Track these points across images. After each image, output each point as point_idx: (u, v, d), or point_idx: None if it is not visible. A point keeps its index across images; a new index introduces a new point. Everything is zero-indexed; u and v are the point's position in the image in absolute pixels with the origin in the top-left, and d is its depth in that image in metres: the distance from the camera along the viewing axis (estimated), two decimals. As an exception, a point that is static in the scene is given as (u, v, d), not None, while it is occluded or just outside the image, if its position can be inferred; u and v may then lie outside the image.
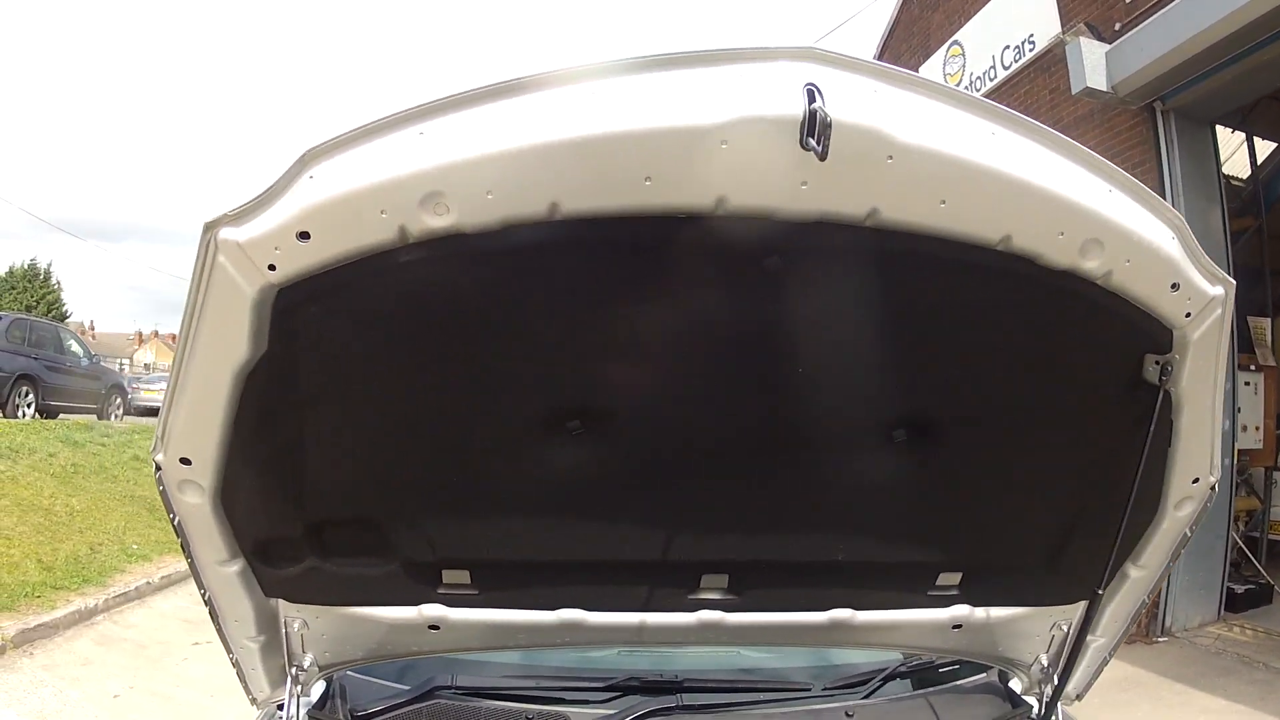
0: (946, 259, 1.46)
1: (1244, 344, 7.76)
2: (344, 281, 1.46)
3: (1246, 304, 7.76)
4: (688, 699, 2.47)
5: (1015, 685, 2.60)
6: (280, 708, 2.26)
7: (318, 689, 2.46)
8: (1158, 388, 1.71)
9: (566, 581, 2.16)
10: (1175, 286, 1.57)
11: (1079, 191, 1.44)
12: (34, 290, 41.63)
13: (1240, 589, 7.52)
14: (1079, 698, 2.52)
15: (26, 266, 43.13)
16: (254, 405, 1.62)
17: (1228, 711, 5.89)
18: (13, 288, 40.88)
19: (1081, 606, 2.24)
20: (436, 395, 1.75)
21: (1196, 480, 1.93)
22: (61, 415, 15.86)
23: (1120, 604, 2.24)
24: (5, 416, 14.30)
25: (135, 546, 9.27)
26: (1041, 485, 2.01)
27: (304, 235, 1.40)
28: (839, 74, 1.33)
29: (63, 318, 39.10)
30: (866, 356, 1.72)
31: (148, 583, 8.40)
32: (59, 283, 44.48)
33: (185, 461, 1.67)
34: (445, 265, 1.47)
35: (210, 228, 1.44)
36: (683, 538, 2.07)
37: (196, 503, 1.75)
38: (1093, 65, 7.60)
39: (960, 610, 2.30)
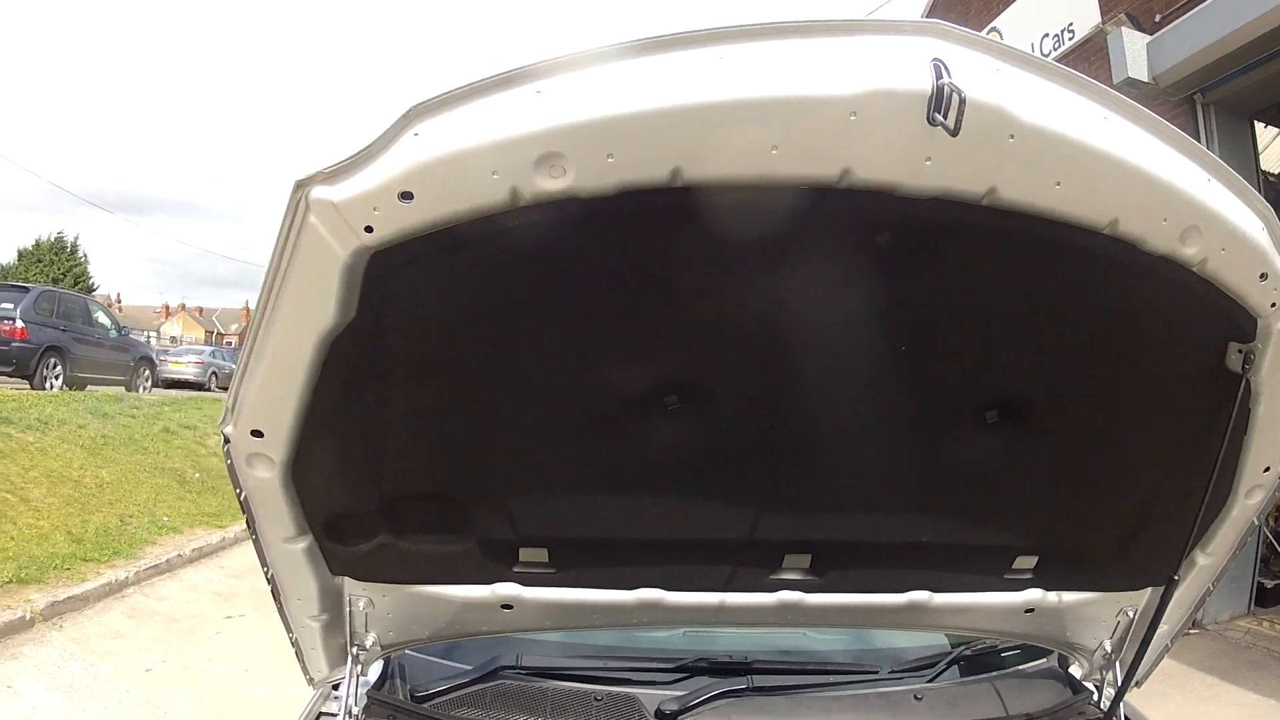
0: (1054, 240, 1.47)
1: None
2: (444, 246, 1.42)
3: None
4: (758, 680, 2.44)
5: (1075, 671, 2.61)
6: (336, 688, 2.22)
7: (375, 669, 2.41)
8: (1240, 376, 1.72)
9: (647, 560, 2.11)
10: (1264, 276, 1.59)
11: (1182, 178, 1.46)
12: (61, 263, 41.87)
13: (1270, 584, 7.57)
14: (1138, 684, 2.49)
15: (54, 239, 43.43)
16: (336, 375, 1.56)
17: (1259, 705, 5.89)
18: (39, 260, 41.15)
19: (1148, 593, 2.27)
20: (531, 367, 1.71)
21: (1268, 469, 1.95)
22: (89, 387, 15.88)
23: (1186, 591, 2.24)
24: (33, 389, 14.33)
25: (166, 519, 9.26)
26: (1121, 470, 2.01)
27: (406, 195, 1.35)
28: (963, 50, 1.33)
29: (89, 290, 39.36)
30: (968, 336, 1.72)
31: (179, 555, 8.37)
32: (86, 255, 44.77)
33: (257, 434, 1.63)
34: (554, 230, 1.42)
35: (301, 186, 1.38)
36: (769, 517, 2.03)
37: (266, 477, 1.70)
38: (1134, 56, 7.63)
39: (1033, 594, 2.30)
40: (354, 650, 2.19)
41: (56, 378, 15.41)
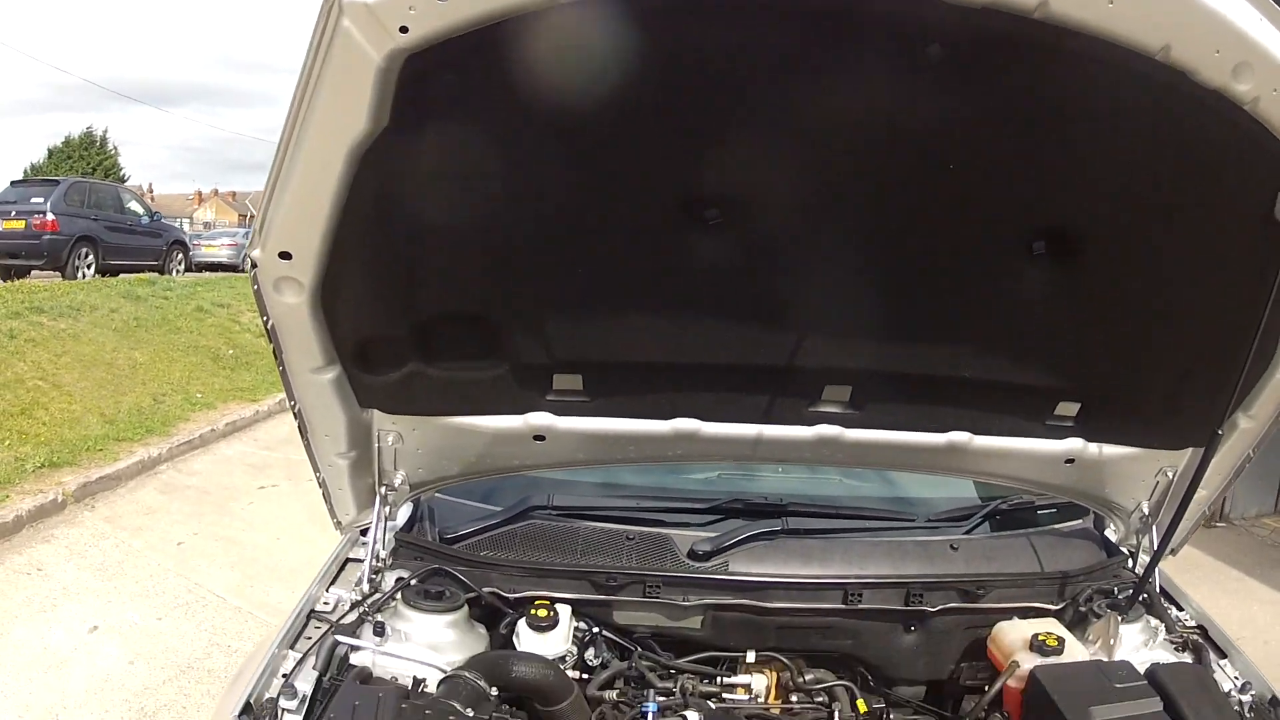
0: (1106, 62, 1.43)
1: None
2: (480, 46, 1.37)
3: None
4: (793, 524, 2.43)
5: (1111, 534, 2.63)
6: (364, 533, 2.20)
7: (404, 513, 2.41)
8: None
9: (684, 387, 2.08)
10: None
11: (1236, 13, 1.41)
12: (91, 157, 41.79)
13: None
14: (1174, 552, 2.47)
15: (83, 135, 43.28)
16: (368, 189, 1.53)
17: None
18: (69, 157, 41.15)
19: (1187, 454, 2.27)
20: (569, 178, 1.65)
21: None
22: (122, 275, 15.86)
23: (1226, 456, 2.20)
24: (65, 278, 14.34)
25: (199, 395, 9.16)
26: (1166, 319, 1.97)
27: None
28: None
29: (121, 182, 39.34)
30: (1015, 160, 1.66)
31: (212, 430, 8.26)
32: (116, 148, 44.66)
33: (285, 256, 1.60)
34: (594, 28, 1.37)
35: None
36: (809, 343, 1.98)
37: (294, 302, 1.67)
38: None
39: (1075, 444, 2.28)
40: (382, 490, 2.16)
41: (89, 267, 15.50)
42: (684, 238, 1.75)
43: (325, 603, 2.13)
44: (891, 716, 2.40)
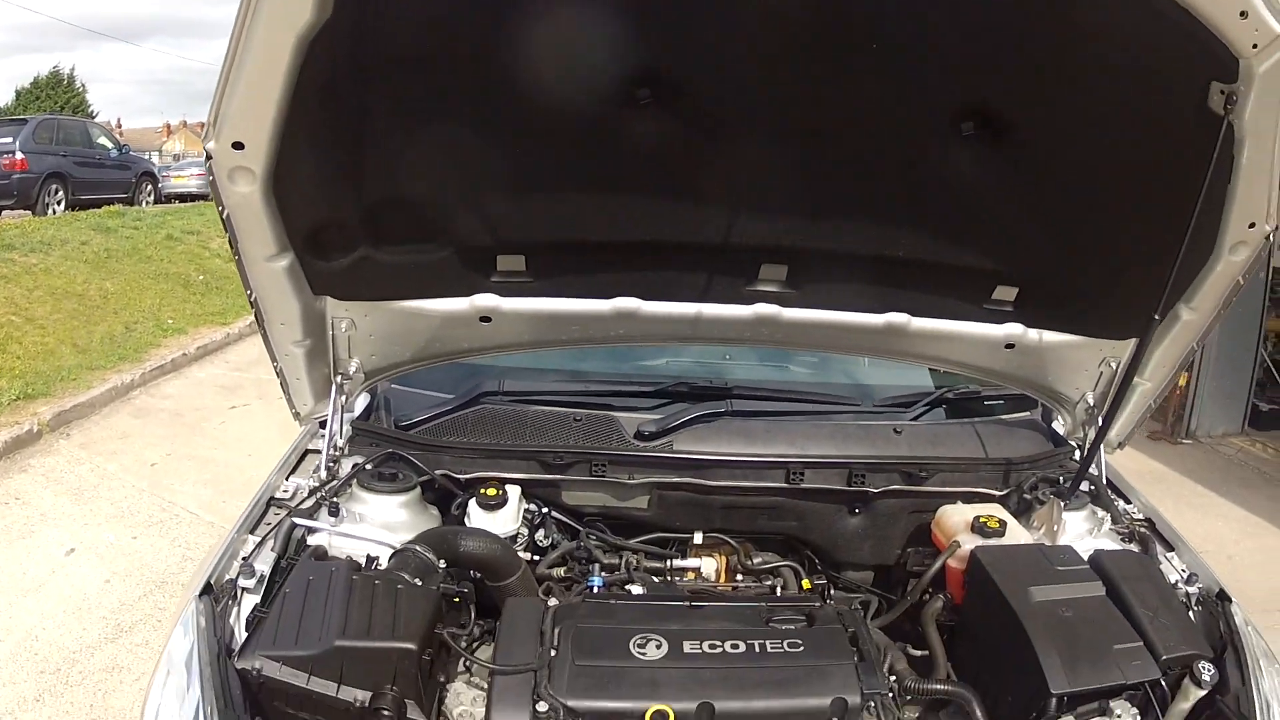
0: None
1: None
2: None
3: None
4: (737, 405, 2.49)
5: (1058, 427, 2.64)
6: (323, 425, 2.26)
7: (361, 404, 2.47)
8: (1221, 117, 1.67)
9: (624, 266, 2.14)
10: (1244, 14, 1.52)
11: None
12: (59, 96, 41.04)
13: (1265, 407, 7.57)
14: (1120, 446, 2.56)
15: (50, 74, 42.50)
16: (315, 78, 1.58)
17: (1246, 522, 5.77)
18: (37, 97, 40.44)
19: (1131, 345, 2.23)
20: (508, 63, 1.69)
21: (1253, 225, 1.91)
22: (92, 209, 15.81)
23: (1169, 348, 2.25)
24: (36, 215, 14.29)
25: (170, 321, 9.16)
26: (1102, 206, 1.99)
27: None
28: None
29: (89, 118, 38.79)
30: (942, 37, 1.67)
31: (183, 354, 8.30)
32: (83, 86, 43.88)
33: (238, 146, 1.65)
34: None
35: None
36: (744, 220, 2.04)
37: (247, 191, 1.72)
38: None
39: (1014, 329, 2.32)
40: (338, 379, 2.24)
41: (59, 203, 15.45)
42: (618, 117, 1.78)
43: (284, 490, 2.19)
44: (833, 592, 2.42)
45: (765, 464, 2.39)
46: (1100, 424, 2.36)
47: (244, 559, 1.90)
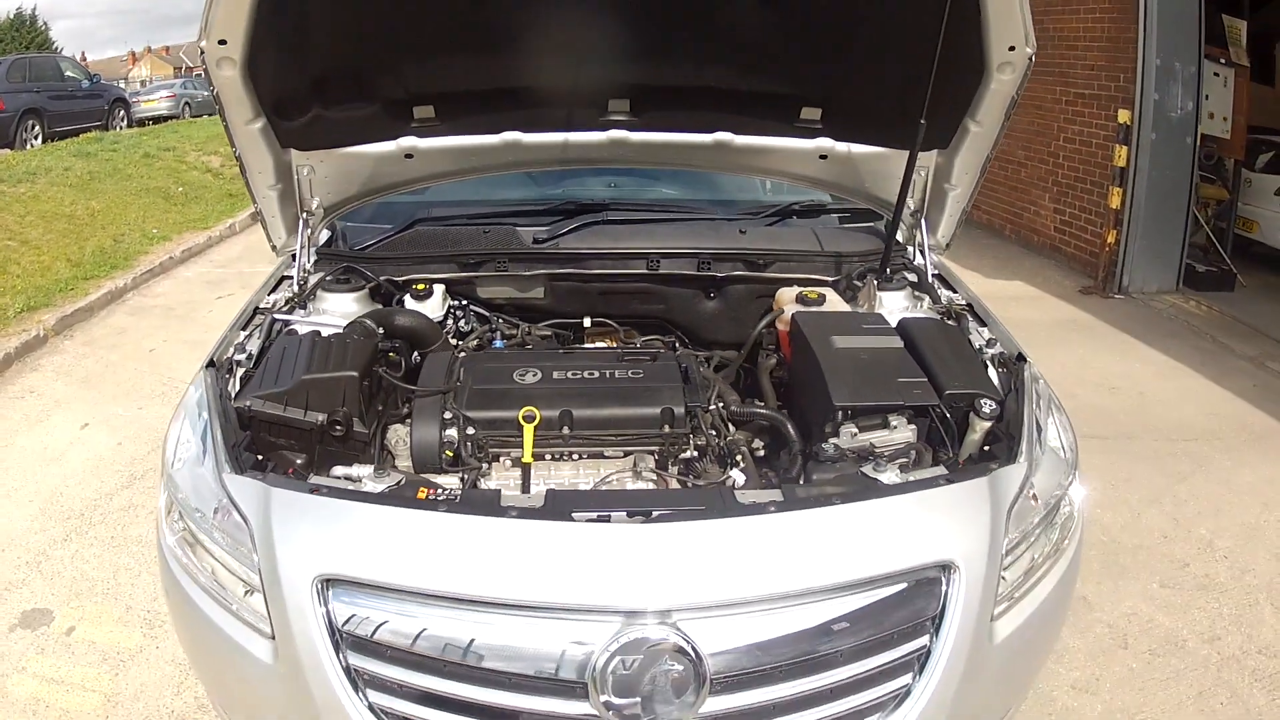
0: None
1: (1217, 39, 7.41)
2: None
3: (1221, 3, 7.58)
4: (612, 215, 3.09)
5: (899, 235, 2.95)
6: (294, 258, 2.78)
7: (323, 237, 3.05)
8: None
9: (507, 107, 2.67)
10: None
11: None
12: (23, 38, 40.49)
13: (1202, 269, 7.53)
14: (947, 246, 2.95)
15: (13, 17, 41.72)
16: None
17: (1166, 366, 5.88)
18: (1, 39, 39.74)
19: (934, 155, 2.76)
20: None
21: (1013, 49, 2.26)
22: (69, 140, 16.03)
23: (966, 155, 2.66)
24: (14, 151, 14.40)
25: (155, 231, 9.44)
26: (873, 39, 2.41)
27: None
28: None
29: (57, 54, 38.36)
30: None
31: (170, 258, 8.61)
32: (46, 24, 43.17)
33: (222, 42, 2.14)
34: None
35: None
36: (592, 66, 2.55)
37: (230, 75, 2.22)
38: None
39: (824, 143, 2.79)
40: (304, 215, 2.79)
41: (35, 137, 15.75)
42: None
43: (267, 302, 2.68)
44: (681, 349, 2.93)
45: (630, 255, 2.95)
46: (929, 230, 2.89)
47: (237, 345, 2.40)
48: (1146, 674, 3.01)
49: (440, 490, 1.82)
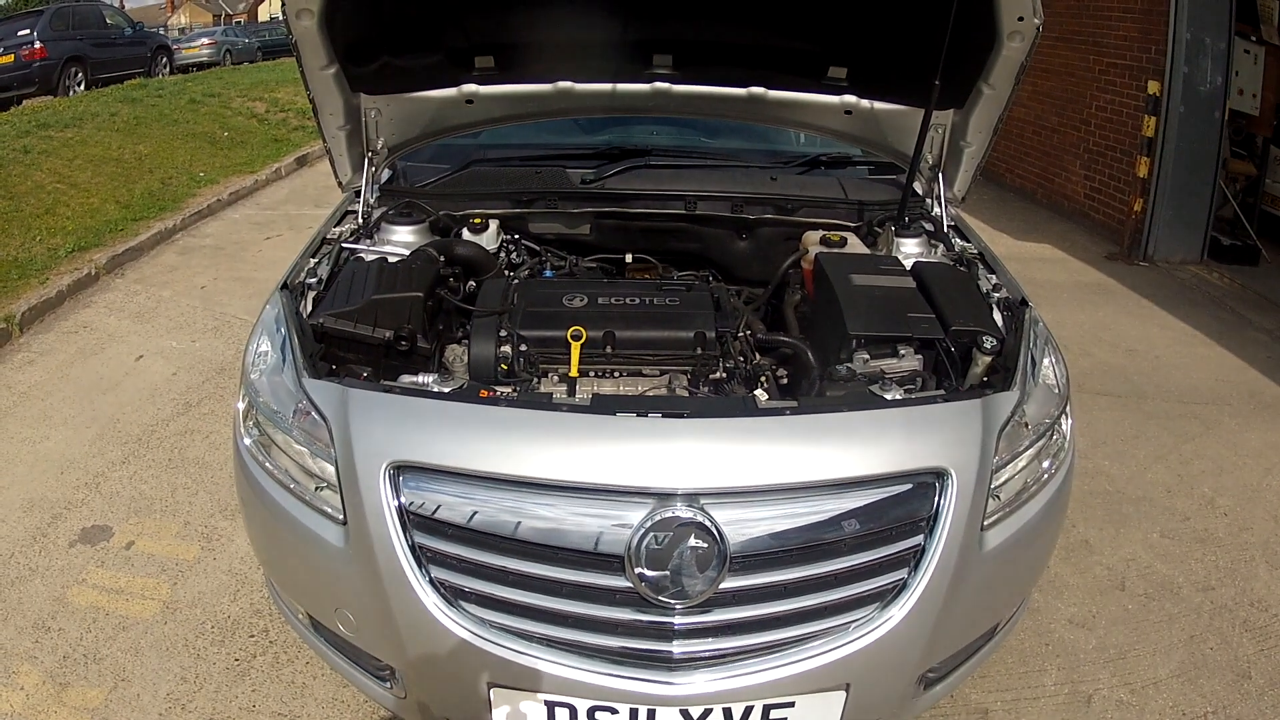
0: None
1: (1249, 16, 7.30)
2: None
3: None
4: (654, 160, 3.38)
5: (917, 187, 3.19)
6: (358, 194, 3.04)
7: (385, 176, 3.27)
8: None
9: (560, 58, 2.91)
10: None
11: None
12: (59, -12, 40.65)
13: (1228, 242, 7.52)
14: (963, 200, 3.14)
15: (52, -34, 41.86)
16: None
17: (1184, 333, 5.94)
18: (38, -7, 40.06)
19: (951, 114, 2.96)
20: None
21: (1021, 19, 2.42)
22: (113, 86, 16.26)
23: (980, 115, 2.84)
24: (57, 98, 14.70)
25: (203, 174, 9.67)
26: (900, 7, 2.60)
27: None
28: None
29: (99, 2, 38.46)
30: None
31: (218, 200, 8.84)
32: (86, -29, 43.12)
33: None
34: None
35: None
36: (638, 23, 2.78)
37: (308, 24, 2.44)
38: None
39: (849, 98, 3.01)
40: (369, 154, 3.04)
41: (79, 84, 16.05)
42: None
43: (333, 233, 2.90)
44: (713, 281, 3.18)
45: (670, 196, 3.21)
46: (945, 183, 3.08)
47: (309, 270, 2.60)
48: (1141, 615, 3.17)
49: (499, 392, 2.04)
